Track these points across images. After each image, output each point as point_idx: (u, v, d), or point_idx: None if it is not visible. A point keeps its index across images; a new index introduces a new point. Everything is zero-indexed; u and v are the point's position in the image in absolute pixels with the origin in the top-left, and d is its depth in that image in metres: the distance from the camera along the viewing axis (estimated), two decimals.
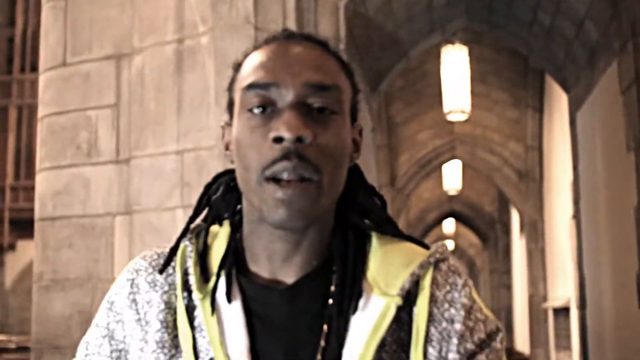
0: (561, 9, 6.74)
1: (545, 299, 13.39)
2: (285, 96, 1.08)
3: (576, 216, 8.27)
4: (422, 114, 12.58)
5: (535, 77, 11.56)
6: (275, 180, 1.06)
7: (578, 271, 8.17)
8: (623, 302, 6.10)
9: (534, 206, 13.57)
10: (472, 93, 10.20)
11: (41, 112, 4.93)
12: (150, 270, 1.17)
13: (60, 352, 4.59)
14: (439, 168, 15.41)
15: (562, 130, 10.18)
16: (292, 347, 1.10)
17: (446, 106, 10.10)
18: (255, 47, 1.17)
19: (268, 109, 1.09)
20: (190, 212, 3.89)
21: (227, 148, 1.19)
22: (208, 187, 1.26)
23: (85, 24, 4.80)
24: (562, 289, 11.46)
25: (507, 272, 19.72)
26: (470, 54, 9.79)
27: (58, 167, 4.75)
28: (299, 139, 1.05)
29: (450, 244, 26.74)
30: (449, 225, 24.35)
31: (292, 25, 4.48)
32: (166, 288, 1.16)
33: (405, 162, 13.73)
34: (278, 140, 1.05)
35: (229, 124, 1.18)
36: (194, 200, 4.35)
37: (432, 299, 1.14)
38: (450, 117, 10.39)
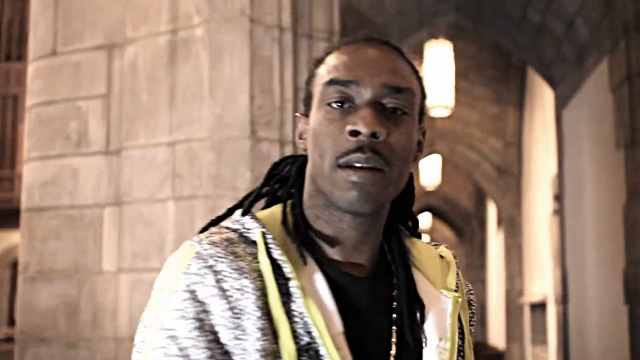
0: (552, 7, 6.77)
1: (521, 294, 13.48)
2: (364, 94, 1.17)
3: (560, 212, 8.32)
4: None
5: (517, 74, 11.62)
6: (349, 166, 1.15)
7: (560, 266, 8.21)
8: (608, 298, 6.15)
9: (512, 202, 13.65)
10: (454, 89, 10.20)
11: (29, 101, 4.88)
12: (231, 257, 1.14)
13: (46, 344, 4.56)
14: (418, 162, 15.43)
15: (543, 127, 10.24)
16: (377, 330, 1.21)
17: (428, 101, 10.08)
18: (336, 47, 1.26)
19: (346, 104, 1.18)
20: (181, 204, 3.85)
21: (300, 137, 1.29)
22: (275, 165, 1.33)
23: (77, 13, 4.76)
24: (539, 284, 11.54)
25: (482, 266, 19.83)
26: (453, 50, 9.79)
27: (46, 157, 4.71)
28: (373, 135, 1.15)
29: (425, 239, 26.81)
30: (425, 219, 24.44)
31: (286, 17, 4.47)
32: (254, 275, 1.14)
33: None
34: (354, 133, 1.15)
35: (305, 115, 1.27)
36: (185, 191, 4.35)
37: None
38: (433, 113, 10.38)
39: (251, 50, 4.39)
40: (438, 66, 9.57)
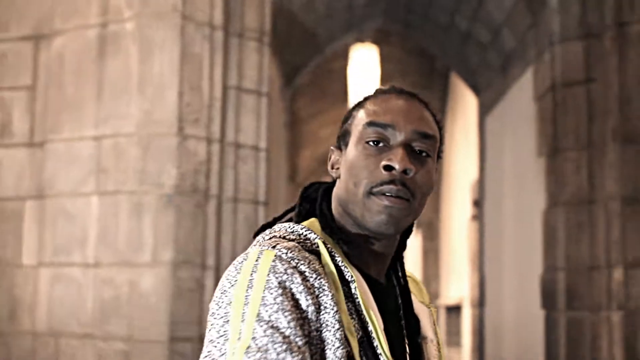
0: (479, 16, 6.87)
1: (437, 296, 13.64)
2: (398, 137, 1.42)
3: (479, 217, 8.44)
4: (325, 110, 12.62)
5: (440, 79, 11.74)
6: (382, 194, 1.39)
7: (478, 270, 8.34)
8: (525, 302, 6.26)
9: (430, 205, 13.79)
10: None
11: None
12: (307, 261, 1.33)
13: None
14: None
15: (465, 132, 10.38)
16: (395, 327, 1.47)
17: (352, 104, 10.09)
18: (373, 95, 1.52)
19: (381, 143, 1.42)
20: (105, 199, 3.87)
21: (332, 167, 1.53)
22: (306, 189, 1.57)
23: (4, 2, 4.68)
24: (456, 287, 11.71)
25: None
26: (379, 54, 9.82)
27: None
28: (404, 171, 1.39)
29: None
30: None
31: (218, 15, 4.46)
32: (326, 277, 1.35)
33: (306, 157, 13.77)
34: (389, 168, 1.39)
35: (339, 148, 1.52)
36: (110, 186, 4.31)
37: None
38: None
39: (182, 46, 4.37)
40: (363, 70, 9.62)
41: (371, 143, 1.42)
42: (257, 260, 1.31)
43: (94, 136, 4.40)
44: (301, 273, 1.30)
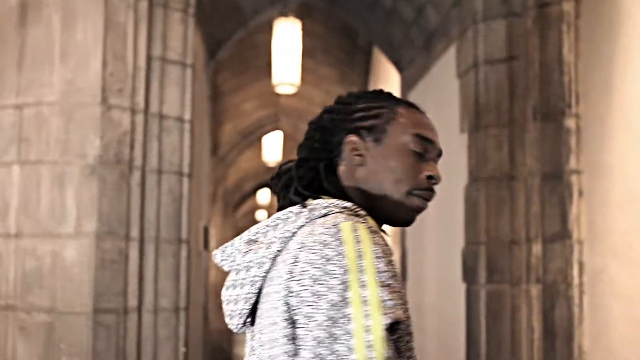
0: None
1: None
2: (432, 152, 1.72)
3: None
4: (248, 84, 12.56)
5: (362, 56, 11.75)
6: (421, 197, 1.68)
7: (400, 245, 8.43)
8: (446, 276, 6.36)
9: None
10: (301, 67, 10.22)
11: None
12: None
13: None
14: (261, 139, 15.50)
15: None
16: None
17: (275, 78, 10.08)
18: (404, 104, 1.76)
19: (421, 153, 1.70)
20: (27, 168, 3.81)
21: (351, 151, 1.71)
22: (297, 167, 1.73)
23: None
24: None
25: None
26: (302, 29, 9.79)
27: None
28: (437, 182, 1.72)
29: (264, 215, 26.98)
30: (264, 195, 24.57)
31: None
32: None
33: (228, 131, 13.71)
34: (431, 177, 1.69)
35: (360, 137, 1.70)
36: (32, 156, 4.24)
37: None
38: (279, 90, 10.39)
39: (105, 15, 4.33)
40: (286, 44, 9.57)
41: (416, 151, 1.69)
42: (355, 232, 1.48)
43: (15, 104, 4.32)
44: (385, 244, 1.54)
